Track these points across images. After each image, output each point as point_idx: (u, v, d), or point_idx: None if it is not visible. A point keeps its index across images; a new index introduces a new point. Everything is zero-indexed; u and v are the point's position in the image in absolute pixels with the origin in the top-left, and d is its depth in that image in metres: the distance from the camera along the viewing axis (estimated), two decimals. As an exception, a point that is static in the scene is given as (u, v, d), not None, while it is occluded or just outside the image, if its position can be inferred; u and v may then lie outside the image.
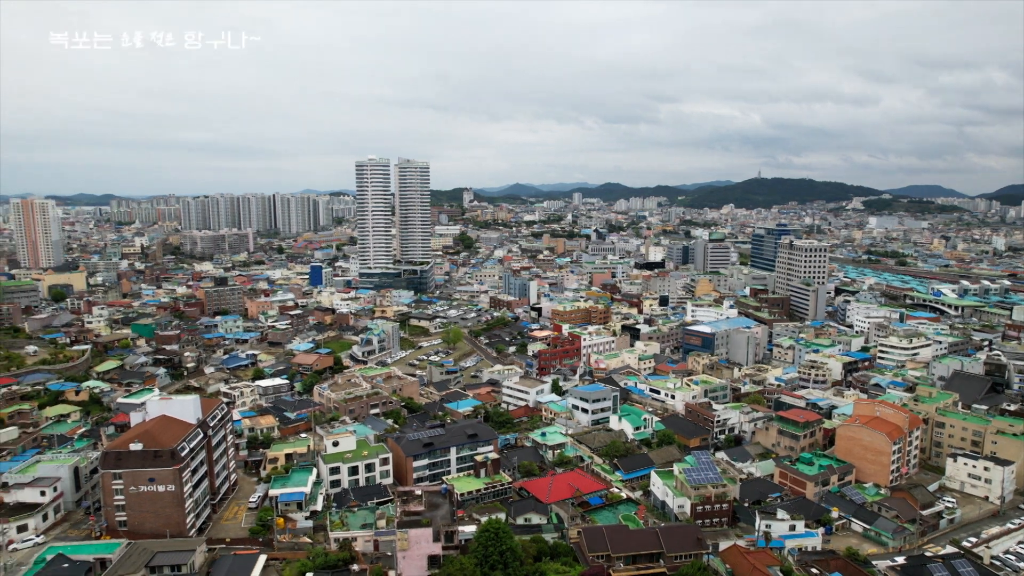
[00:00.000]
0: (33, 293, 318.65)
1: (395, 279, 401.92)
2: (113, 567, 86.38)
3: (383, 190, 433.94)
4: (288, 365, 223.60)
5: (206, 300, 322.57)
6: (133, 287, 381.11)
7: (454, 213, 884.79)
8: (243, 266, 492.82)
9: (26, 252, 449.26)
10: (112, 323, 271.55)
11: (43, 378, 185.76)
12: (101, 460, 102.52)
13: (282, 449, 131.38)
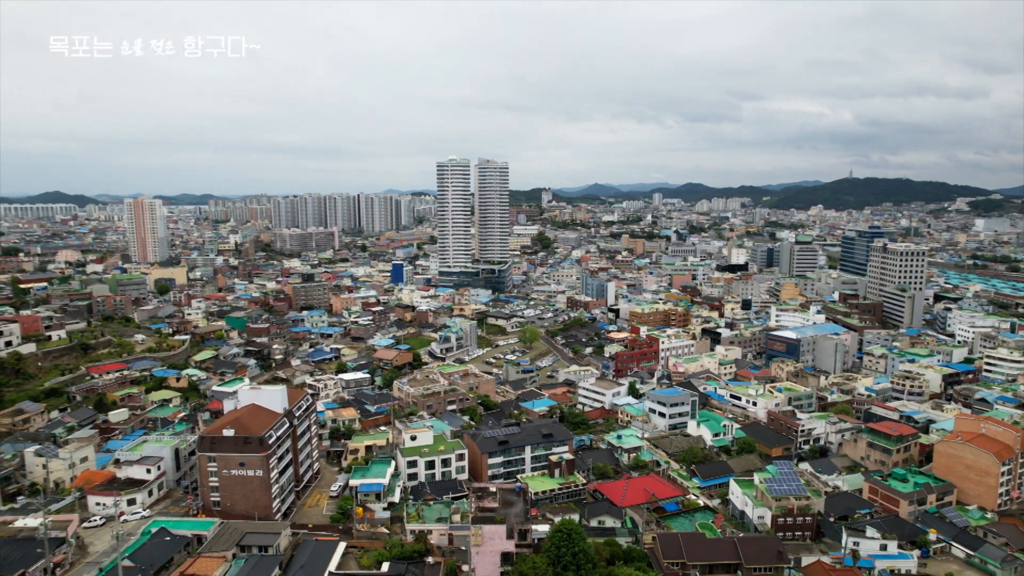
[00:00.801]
0: (142, 286, 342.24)
1: (473, 278, 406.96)
2: (208, 543, 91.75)
3: (463, 190, 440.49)
4: (369, 360, 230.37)
5: (294, 295, 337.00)
6: (227, 282, 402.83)
7: (532, 213, 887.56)
8: (329, 263, 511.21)
9: (136, 248, 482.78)
10: (208, 315, 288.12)
11: (149, 365, 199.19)
12: (197, 444, 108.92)
13: (362, 441, 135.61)
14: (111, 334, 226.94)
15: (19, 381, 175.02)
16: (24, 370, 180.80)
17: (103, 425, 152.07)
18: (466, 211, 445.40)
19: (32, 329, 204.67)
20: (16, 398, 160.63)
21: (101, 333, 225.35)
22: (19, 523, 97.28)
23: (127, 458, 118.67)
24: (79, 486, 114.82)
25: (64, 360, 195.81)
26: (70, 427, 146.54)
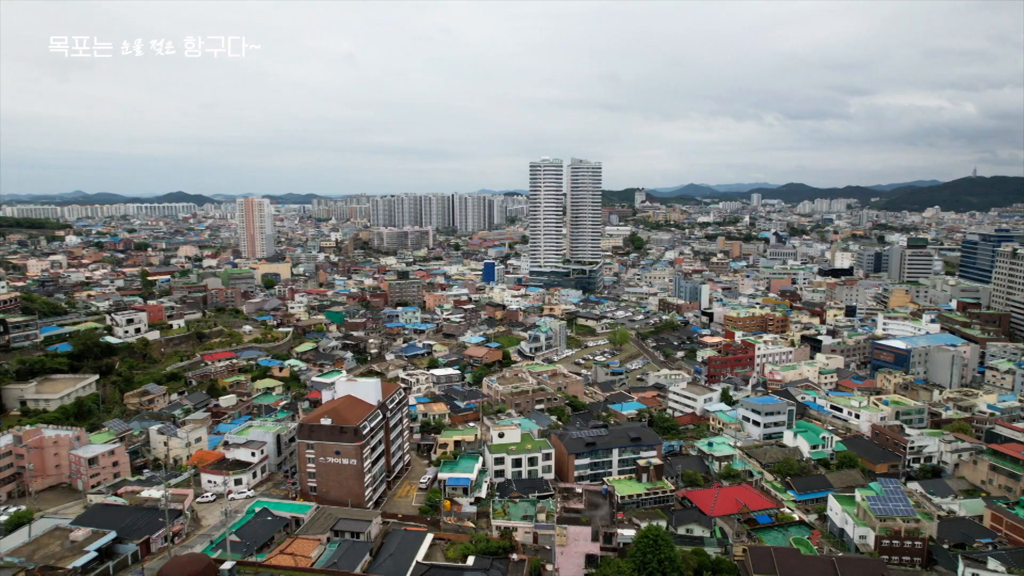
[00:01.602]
0: (250, 280, 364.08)
1: (564, 278, 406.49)
2: (305, 526, 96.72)
3: (555, 190, 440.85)
4: (460, 356, 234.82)
5: (389, 292, 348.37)
6: (328, 278, 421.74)
7: (625, 213, 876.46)
8: (423, 261, 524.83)
9: (246, 244, 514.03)
10: (310, 309, 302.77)
11: (255, 355, 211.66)
12: (297, 431, 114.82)
13: (452, 436, 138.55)
14: (223, 324, 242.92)
15: (145, 365, 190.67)
16: (150, 355, 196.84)
17: (215, 409, 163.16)
18: (558, 211, 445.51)
19: (157, 318, 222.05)
20: (143, 380, 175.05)
21: (214, 323, 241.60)
22: (144, 493, 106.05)
23: (235, 441, 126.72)
24: (194, 464, 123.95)
25: (182, 347, 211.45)
26: (187, 409, 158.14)
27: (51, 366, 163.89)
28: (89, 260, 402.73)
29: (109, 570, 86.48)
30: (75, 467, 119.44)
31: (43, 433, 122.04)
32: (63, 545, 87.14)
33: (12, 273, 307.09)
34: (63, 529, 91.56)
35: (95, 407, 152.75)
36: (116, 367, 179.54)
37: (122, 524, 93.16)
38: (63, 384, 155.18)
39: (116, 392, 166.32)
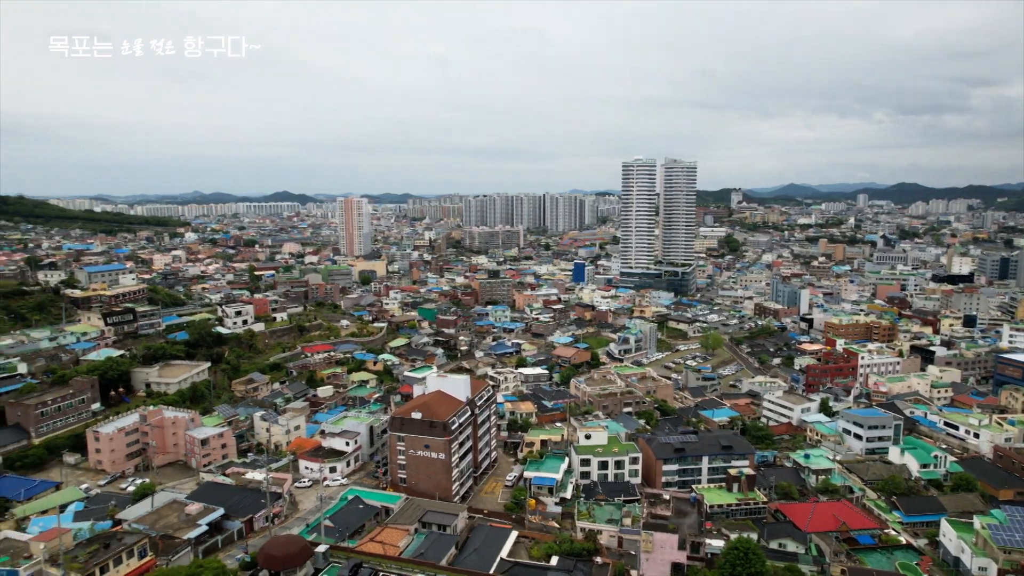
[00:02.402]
0: (348, 276, 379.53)
1: (656, 280, 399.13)
2: (394, 515, 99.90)
3: (648, 190, 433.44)
4: (548, 356, 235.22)
5: (480, 290, 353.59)
6: (421, 275, 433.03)
7: (720, 214, 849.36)
8: (513, 261, 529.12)
9: (345, 242, 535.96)
10: (403, 306, 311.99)
11: (351, 348, 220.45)
12: (389, 423, 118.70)
13: (538, 435, 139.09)
14: (322, 319, 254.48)
15: (251, 355, 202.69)
16: (255, 345, 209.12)
17: (313, 399, 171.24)
18: (650, 212, 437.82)
19: (262, 311, 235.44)
20: (249, 369, 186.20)
21: (314, 317, 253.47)
22: (248, 475, 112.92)
23: (330, 430, 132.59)
24: (293, 450, 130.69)
25: (285, 339, 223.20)
26: (287, 398, 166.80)
27: (171, 353, 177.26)
28: (204, 255, 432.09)
29: (218, 543, 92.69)
30: (190, 447, 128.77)
31: (164, 414, 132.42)
32: (179, 517, 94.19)
33: (140, 267, 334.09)
34: (180, 503, 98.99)
35: (207, 392, 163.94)
36: (226, 356, 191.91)
37: (229, 502, 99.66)
38: (181, 370, 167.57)
39: (225, 379, 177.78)
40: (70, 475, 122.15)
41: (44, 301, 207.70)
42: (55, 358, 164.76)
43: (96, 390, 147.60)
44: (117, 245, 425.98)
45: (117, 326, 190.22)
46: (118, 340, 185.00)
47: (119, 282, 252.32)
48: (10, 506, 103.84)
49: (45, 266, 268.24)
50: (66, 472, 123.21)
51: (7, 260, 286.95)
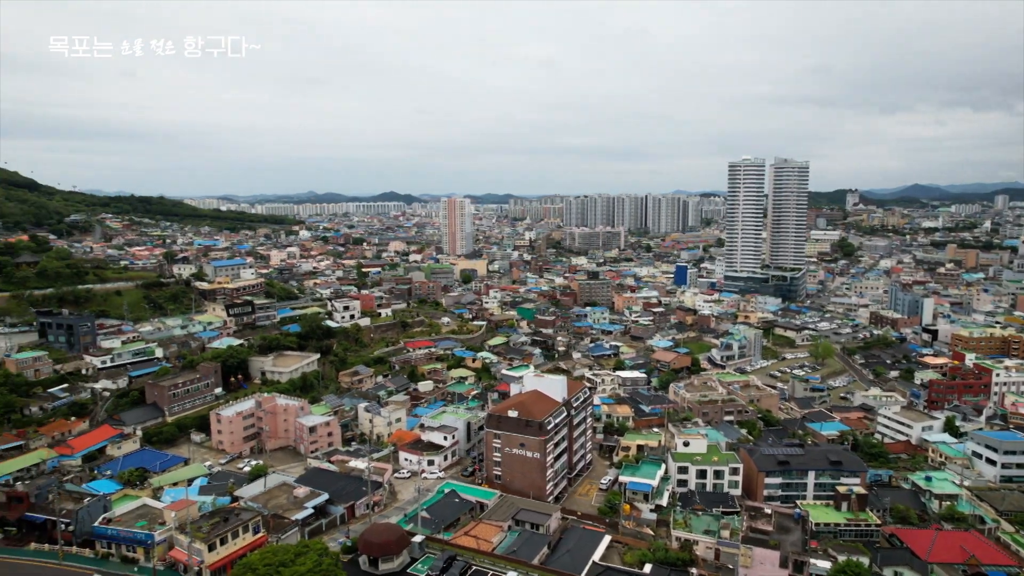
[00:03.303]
0: (450, 275, 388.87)
1: (762, 284, 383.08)
2: (489, 511, 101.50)
3: (756, 191, 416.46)
4: (647, 360, 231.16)
5: (579, 291, 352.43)
6: (521, 275, 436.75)
7: (834, 217, 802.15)
8: (613, 262, 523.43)
9: (448, 241, 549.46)
10: (502, 305, 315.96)
11: (451, 345, 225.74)
12: (486, 420, 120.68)
13: (635, 439, 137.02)
14: (424, 315, 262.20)
15: (357, 348, 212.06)
16: (361, 339, 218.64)
17: (413, 393, 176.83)
18: (758, 213, 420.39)
19: (368, 306, 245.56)
20: (354, 361, 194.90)
21: (416, 314, 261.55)
22: (351, 463, 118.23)
23: (430, 424, 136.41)
24: (393, 442, 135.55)
25: (388, 334, 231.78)
26: (390, 391, 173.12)
27: (284, 344, 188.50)
28: (316, 252, 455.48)
29: (322, 527, 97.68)
30: (299, 433, 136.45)
31: (277, 401, 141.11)
32: (288, 499, 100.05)
33: (259, 262, 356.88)
34: (289, 485, 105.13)
35: (316, 382, 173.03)
36: (334, 348, 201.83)
37: (333, 488, 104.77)
38: (293, 360, 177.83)
39: (332, 370, 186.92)
40: (196, 452, 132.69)
41: (178, 292, 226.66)
42: (185, 344, 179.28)
43: (219, 376, 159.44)
44: (239, 241, 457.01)
45: (238, 317, 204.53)
46: (238, 330, 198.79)
47: (240, 276, 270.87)
48: (148, 476, 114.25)
49: (179, 260, 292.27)
50: (193, 449, 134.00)
51: (149, 254, 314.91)
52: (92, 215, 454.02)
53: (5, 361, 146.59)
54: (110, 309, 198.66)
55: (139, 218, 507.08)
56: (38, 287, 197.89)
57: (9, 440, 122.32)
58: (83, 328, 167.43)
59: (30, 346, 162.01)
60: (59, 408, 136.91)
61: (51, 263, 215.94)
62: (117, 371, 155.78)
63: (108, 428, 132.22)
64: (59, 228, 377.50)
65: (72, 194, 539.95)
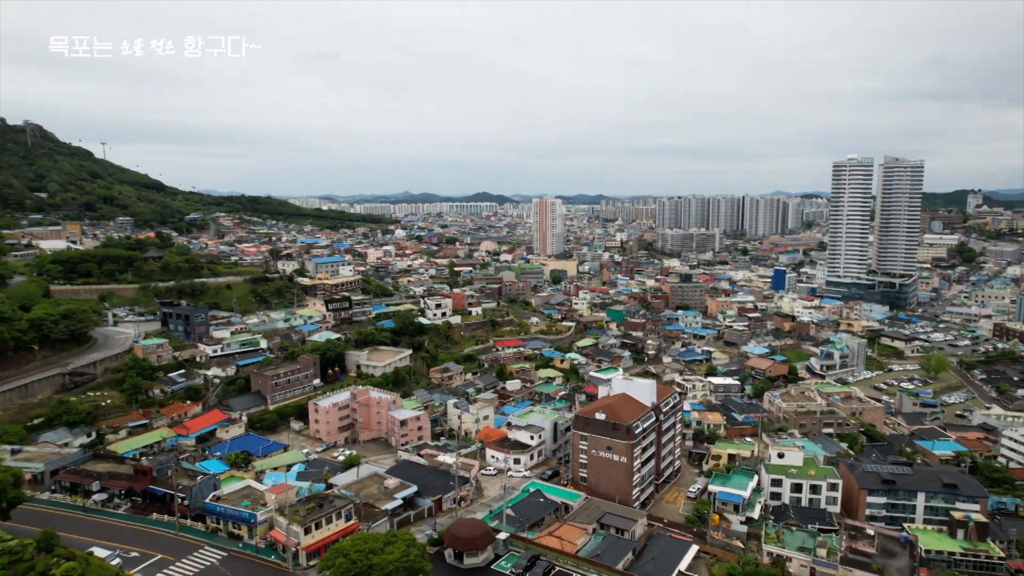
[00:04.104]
0: (540, 275, 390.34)
1: (867, 291, 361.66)
2: (573, 513, 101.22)
3: (863, 192, 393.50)
4: (741, 366, 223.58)
5: (671, 294, 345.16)
6: (611, 276, 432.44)
7: (952, 220, 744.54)
8: (707, 265, 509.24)
9: (538, 241, 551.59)
10: (592, 306, 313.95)
11: (540, 345, 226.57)
12: (573, 422, 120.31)
13: (726, 448, 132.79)
14: (513, 315, 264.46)
15: (447, 345, 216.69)
16: (451, 336, 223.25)
17: (501, 391, 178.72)
18: (864, 216, 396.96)
19: (459, 305, 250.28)
20: (445, 359, 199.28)
21: (506, 313, 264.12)
22: (440, 458, 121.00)
23: (517, 423, 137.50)
24: (481, 439, 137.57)
25: (478, 332, 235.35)
26: (479, 388, 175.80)
27: (379, 339, 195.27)
28: (411, 251, 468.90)
29: (410, 518, 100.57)
30: (390, 426, 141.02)
31: (370, 394, 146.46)
32: (379, 489, 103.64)
33: (357, 259, 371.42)
34: (380, 476, 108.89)
35: (407, 377, 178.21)
36: (425, 345, 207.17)
37: (422, 481, 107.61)
38: (386, 355, 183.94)
39: (423, 366, 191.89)
40: (295, 440, 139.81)
41: (281, 287, 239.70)
42: (287, 337, 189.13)
43: (317, 367, 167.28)
44: (339, 239, 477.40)
45: (336, 312, 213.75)
46: (336, 324, 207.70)
47: (339, 273, 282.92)
48: (252, 460, 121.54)
49: (283, 257, 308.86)
50: (292, 436, 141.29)
51: (256, 251, 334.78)
52: (208, 214, 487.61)
53: (134, 347, 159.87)
54: (221, 302, 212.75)
55: (248, 216, 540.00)
56: (161, 280, 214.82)
57: (136, 418, 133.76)
58: (198, 319, 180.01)
59: (154, 334, 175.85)
60: (177, 392, 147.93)
61: (173, 258, 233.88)
62: (226, 360, 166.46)
63: (218, 412, 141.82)
64: (180, 226, 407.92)
65: (191, 194, 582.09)
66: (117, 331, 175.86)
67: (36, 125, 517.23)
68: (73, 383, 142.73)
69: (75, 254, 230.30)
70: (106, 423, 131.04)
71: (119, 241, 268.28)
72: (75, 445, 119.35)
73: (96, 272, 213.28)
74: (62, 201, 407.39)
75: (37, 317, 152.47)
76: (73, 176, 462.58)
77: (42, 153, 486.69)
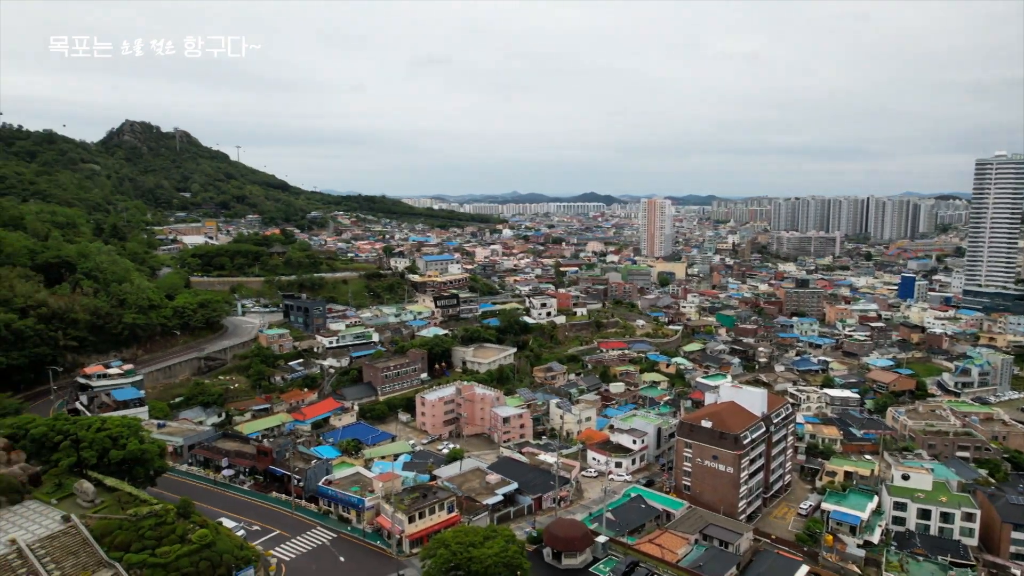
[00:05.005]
0: (647, 277, 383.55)
1: (1014, 302, 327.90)
2: (675, 521, 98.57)
3: (1012, 192, 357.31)
4: (861, 379, 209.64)
5: (785, 300, 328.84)
6: (721, 280, 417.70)
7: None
8: (826, 270, 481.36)
9: (646, 242, 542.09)
10: (700, 310, 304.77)
11: (645, 348, 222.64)
12: (677, 428, 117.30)
13: (842, 465, 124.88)
14: (618, 316, 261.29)
15: (551, 345, 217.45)
16: (555, 336, 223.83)
17: (604, 393, 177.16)
18: (1013, 219, 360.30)
19: (564, 305, 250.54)
20: (548, 358, 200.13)
21: (611, 314, 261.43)
22: (541, 457, 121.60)
23: (619, 426, 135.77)
24: (582, 440, 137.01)
25: (582, 333, 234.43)
26: (581, 389, 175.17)
27: (484, 336, 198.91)
28: (517, 250, 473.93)
29: (510, 514, 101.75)
30: (493, 422, 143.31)
31: (475, 390, 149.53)
32: (480, 483, 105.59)
33: (465, 258, 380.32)
34: (481, 471, 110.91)
35: (511, 375, 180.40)
36: (529, 344, 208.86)
37: (522, 478, 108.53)
38: (491, 352, 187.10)
39: (527, 365, 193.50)
40: (402, 431, 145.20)
41: (393, 283, 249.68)
42: (398, 331, 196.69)
43: (425, 362, 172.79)
44: (448, 238, 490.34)
45: (444, 308, 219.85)
46: (444, 321, 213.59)
47: (448, 271, 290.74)
48: (361, 447, 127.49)
49: (395, 254, 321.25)
50: (399, 427, 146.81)
51: (370, 248, 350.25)
52: (327, 212, 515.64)
53: (259, 336, 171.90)
54: (338, 296, 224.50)
55: (364, 215, 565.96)
56: (284, 274, 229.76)
57: (259, 402, 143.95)
58: (316, 311, 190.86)
59: (277, 324, 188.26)
60: (296, 379, 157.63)
61: (295, 254, 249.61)
62: (341, 351, 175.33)
63: (332, 401, 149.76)
64: (302, 223, 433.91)
65: (313, 194, 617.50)
66: (245, 320, 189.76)
67: (184, 132, 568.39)
68: (207, 367, 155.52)
69: (211, 249, 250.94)
70: (234, 405, 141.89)
71: (248, 237, 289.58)
72: (208, 424, 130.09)
73: (228, 265, 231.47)
74: (202, 200, 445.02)
75: (179, 305, 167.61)
76: (212, 177, 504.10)
77: (187, 157, 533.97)
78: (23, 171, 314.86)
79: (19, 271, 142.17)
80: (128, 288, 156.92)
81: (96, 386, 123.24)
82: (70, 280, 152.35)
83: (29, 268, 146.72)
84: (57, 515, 66.77)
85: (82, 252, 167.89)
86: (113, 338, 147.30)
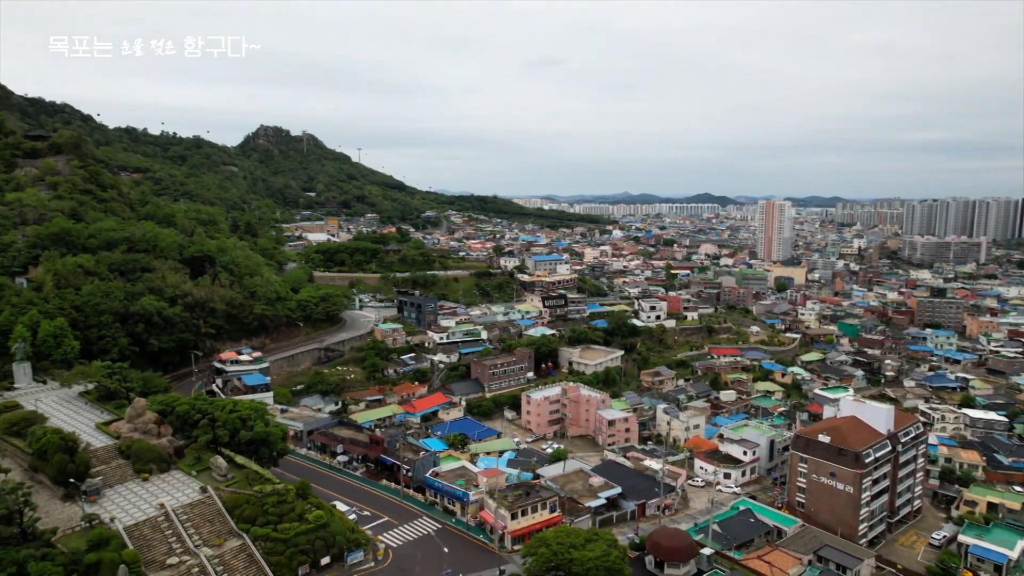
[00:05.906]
0: (763, 281, 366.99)
1: None
2: (787, 539, 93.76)
3: None
4: (1010, 400, 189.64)
5: (917, 310, 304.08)
6: (845, 286, 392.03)
7: None
8: (968, 278, 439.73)
9: (763, 246, 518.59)
10: (821, 318, 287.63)
11: (759, 356, 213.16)
12: (792, 441, 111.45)
13: (985, 494, 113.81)
14: (732, 322, 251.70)
15: (660, 349, 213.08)
16: (665, 340, 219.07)
17: (714, 401, 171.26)
18: None
19: (675, 308, 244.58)
20: (657, 362, 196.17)
21: (724, 320, 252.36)
22: (646, 462, 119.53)
23: (730, 436, 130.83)
24: (690, 448, 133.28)
25: (693, 338, 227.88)
26: (690, 396, 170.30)
27: (591, 337, 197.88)
28: (627, 252, 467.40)
29: (612, 519, 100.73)
30: (598, 425, 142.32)
31: (580, 391, 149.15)
32: (583, 485, 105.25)
33: (574, 258, 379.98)
34: (585, 473, 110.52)
35: (617, 378, 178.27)
36: (637, 347, 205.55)
37: (626, 483, 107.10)
38: (598, 354, 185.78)
39: (634, 368, 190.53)
40: (507, 428, 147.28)
41: (502, 282, 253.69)
42: (506, 330, 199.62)
43: (531, 361, 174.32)
44: (558, 238, 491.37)
45: (552, 308, 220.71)
46: (551, 321, 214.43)
47: (556, 271, 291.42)
48: (467, 442, 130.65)
49: (505, 254, 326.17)
50: (504, 424, 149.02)
51: (481, 247, 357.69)
52: (440, 212, 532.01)
53: (375, 329, 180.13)
54: (449, 293, 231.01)
55: (476, 215, 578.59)
56: (399, 271, 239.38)
57: (373, 393, 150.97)
58: (428, 308, 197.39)
59: (391, 319, 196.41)
60: (407, 373, 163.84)
61: (410, 251, 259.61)
62: (451, 347, 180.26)
63: (441, 395, 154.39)
64: (417, 222, 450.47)
65: (428, 194, 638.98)
66: (362, 314, 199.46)
67: (310, 135, 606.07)
68: (327, 357, 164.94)
69: (332, 246, 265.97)
70: (349, 394, 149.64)
71: (367, 235, 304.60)
72: (326, 411, 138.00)
73: (347, 262, 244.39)
74: (325, 199, 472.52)
75: (303, 299, 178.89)
76: (334, 178, 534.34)
77: (313, 158, 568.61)
78: (176, 173, 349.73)
79: (170, 264, 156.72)
80: (259, 281, 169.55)
81: (229, 371, 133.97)
82: (210, 273, 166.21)
83: (178, 261, 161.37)
84: (196, 485, 73.38)
85: (221, 247, 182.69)
86: (244, 327, 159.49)
